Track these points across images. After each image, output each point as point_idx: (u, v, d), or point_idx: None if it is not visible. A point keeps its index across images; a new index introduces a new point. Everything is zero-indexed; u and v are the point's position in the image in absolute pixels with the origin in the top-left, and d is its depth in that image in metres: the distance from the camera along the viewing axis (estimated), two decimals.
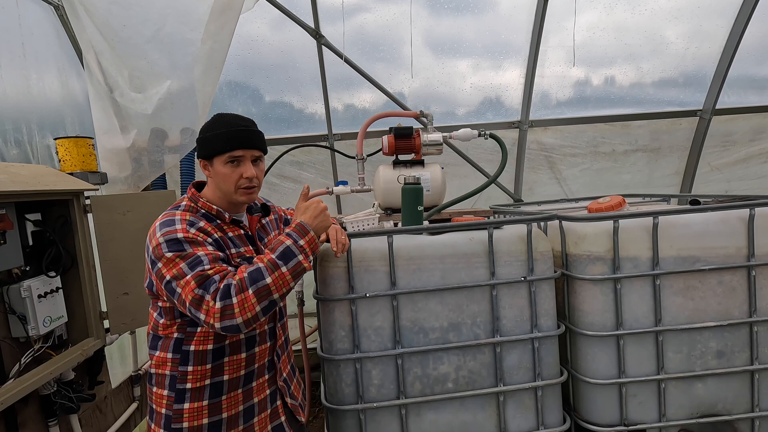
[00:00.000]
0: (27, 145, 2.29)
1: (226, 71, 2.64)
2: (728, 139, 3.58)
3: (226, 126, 1.26)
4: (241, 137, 1.26)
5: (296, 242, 1.20)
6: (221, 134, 1.25)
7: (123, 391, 2.53)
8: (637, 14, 3.22)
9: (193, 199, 1.31)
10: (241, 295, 1.10)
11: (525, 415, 1.64)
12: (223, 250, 1.25)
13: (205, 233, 1.22)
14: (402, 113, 2.73)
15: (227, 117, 1.30)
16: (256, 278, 1.12)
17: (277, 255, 1.17)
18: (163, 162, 2.62)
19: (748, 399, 1.71)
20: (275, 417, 1.38)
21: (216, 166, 1.27)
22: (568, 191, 3.68)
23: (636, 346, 1.67)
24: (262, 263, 1.15)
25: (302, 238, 1.21)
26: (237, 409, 1.28)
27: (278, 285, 1.14)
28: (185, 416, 1.23)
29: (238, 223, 1.35)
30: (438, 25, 3.22)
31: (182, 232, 1.18)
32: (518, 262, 1.60)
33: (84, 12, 2.42)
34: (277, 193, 3.43)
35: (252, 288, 1.11)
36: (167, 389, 1.24)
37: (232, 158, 1.26)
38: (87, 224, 1.99)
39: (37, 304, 1.74)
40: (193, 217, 1.25)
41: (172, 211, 1.26)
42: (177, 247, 1.16)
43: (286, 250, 1.18)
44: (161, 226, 1.20)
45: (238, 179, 1.27)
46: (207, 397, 1.24)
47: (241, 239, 1.33)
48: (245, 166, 1.27)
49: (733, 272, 1.66)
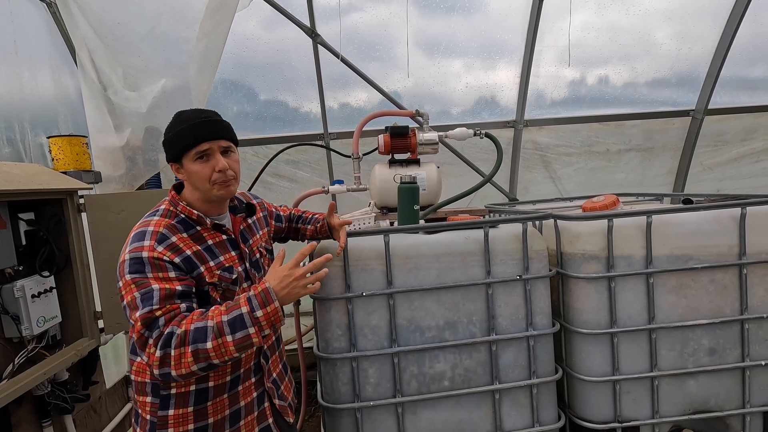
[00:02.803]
0: (20, 143, 2.27)
1: (220, 70, 2.63)
2: (720, 139, 3.62)
3: (187, 121, 1.20)
4: (204, 129, 1.19)
5: (253, 312, 1.07)
6: (183, 131, 1.19)
7: (118, 391, 2.52)
8: (631, 15, 3.25)
9: (173, 202, 1.25)
10: (180, 350, 1.04)
11: (520, 413, 1.65)
12: (194, 268, 1.18)
13: (174, 250, 1.15)
14: (398, 112, 2.73)
15: (186, 112, 1.23)
16: (198, 339, 1.04)
17: (228, 320, 1.06)
18: (158, 161, 2.61)
19: (739, 395, 1.73)
20: (263, 419, 1.35)
21: (186, 166, 1.21)
22: (563, 190, 3.70)
23: (630, 344, 1.69)
24: (212, 322, 1.06)
25: (262, 309, 1.07)
26: (223, 414, 1.25)
27: (219, 353, 1.05)
28: (170, 422, 1.20)
29: (220, 228, 1.28)
30: (430, 25, 3.23)
31: (148, 250, 1.12)
32: (514, 261, 1.61)
33: (77, 9, 2.40)
34: (273, 192, 3.42)
35: (191, 347, 1.04)
36: (150, 396, 1.22)
37: (200, 153, 1.19)
38: (81, 223, 1.98)
39: (31, 304, 1.73)
40: (169, 225, 1.19)
41: (148, 219, 1.21)
42: (137, 268, 1.10)
43: (239, 319, 1.06)
44: (133, 240, 1.15)
45: (211, 174, 1.20)
46: (192, 404, 1.21)
47: (222, 246, 1.27)
48: (215, 158, 1.20)
49: (725, 270, 1.68)
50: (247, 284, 1.32)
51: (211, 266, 1.22)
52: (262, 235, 1.46)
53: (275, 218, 1.61)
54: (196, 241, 1.22)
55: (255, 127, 3.35)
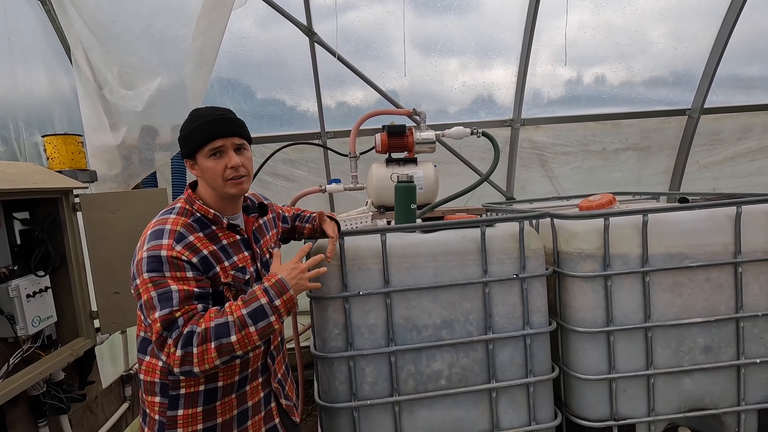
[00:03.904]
0: (14, 142, 2.25)
1: (217, 68, 2.62)
2: (716, 138, 3.64)
3: (202, 118, 1.22)
4: (218, 126, 1.21)
5: (272, 302, 1.13)
6: (198, 127, 1.21)
7: (114, 391, 2.51)
8: (627, 14, 3.26)
9: (189, 200, 1.26)
10: (203, 347, 1.07)
11: (517, 411, 1.66)
12: (210, 268, 1.19)
13: (192, 250, 1.16)
14: (395, 111, 2.73)
15: (202, 110, 1.25)
16: (221, 334, 1.08)
17: (248, 312, 1.11)
18: (154, 160, 2.59)
19: (734, 393, 1.74)
20: (269, 419, 1.36)
21: (200, 162, 1.22)
22: (560, 189, 3.71)
23: (626, 342, 1.69)
24: (231, 317, 1.10)
25: (279, 298, 1.14)
26: (231, 414, 1.26)
27: (243, 344, 1.09)
28: (179, 423, 1.20)
29: (234, 228, 1.30)
30: (426, 24, 3.23)
31: (166, 249, 1.13)
32: (510, 260, 1.61)
33: (72, 7, 2.39)
34: (270, 191, 3.42)
35: (215, 342, 1.07)
36: (159, 396, 1.22)
37: (214, 150, 1.20)
38: (76, 223, 1.97)
39: (26, 304, 1.72)
40: (186, 224, 1.20)
41: (165, 216, 1.22)
42: (156, 267, 1.11)
43: (259, 310, 1.11)
44: (150, 237, 1.16)
45: (224, 170, 1.21)
46: (201, 404, 1.22)
47: (236, 246, 1.29)
48: (228, 155, 1.22)
49: (720, 269, 1.69)
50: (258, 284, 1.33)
51: (226, 266, 1.23)
52: (272, 236, 1.48)
53: (282, 219, 1.62)
54: (211, 241, 1.23)
55: (252, 126, 3.28)
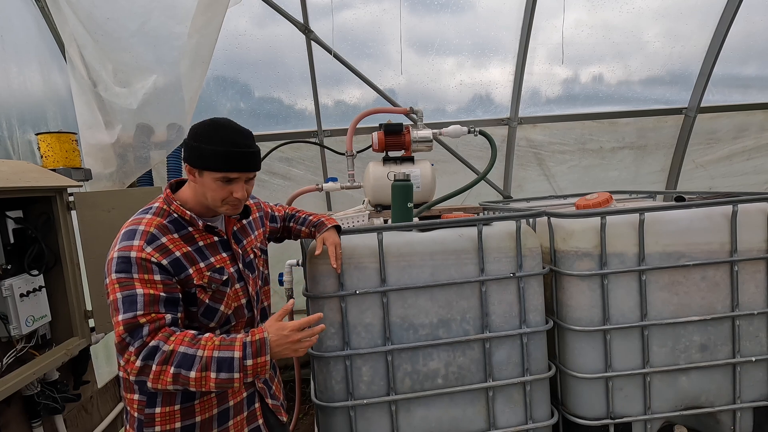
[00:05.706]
0: (7, 140, 2.23)
1: (213, 66, 2.60)
2: (712, 137, 3.65)
3: (224, 144, 1.16)
4: (240, 160, 1.18)
5: (244, 360, 1.07)
6: (219, 153, 1.16)
7: (109, 390, 2.49)
8: (624, 12, 3.26)
9: (168, 201, 1.24)
10: (161, 367, 1.05)
11: (514, 410, 1.65)
12: (182, 270, 1.17)
13: (163, 252, 1.15)
14: (392, 110, 2.72)
15: (227, 131, 1.18)
16: (183, 364, 1.05)
17: (218, 357, 1.06)
18: (149, 158, 2.57)
19: (730, 391, 1.75)
20: (252, 420, 1.35)
21: (206, 179, 1.19)
22: (557, 188, 3.72)
23: (622, 341, 1.70)
24: (201, 352, 1.06)
25: (252, 359, 1.08)
26: (211, 413, 1.25)
27: (199, 384, 1.07)
28: (157, 420, 1.20)
29: (212, 230, 1.27)
30: (422, 23, 3.22)
31: (136, 251, 1.12)
32: (507, 259, 1.61)
33: (66, 4, 2.36)
34: (267, 190, 3.40)
35: (174, 369, 1.05)
36: (138, 393, 1.22)
37: (227, 179, 1.18)
38: (71, 221, 1.95)
39: (19, 304, 1.70)
40: (160, 225, 1.19)
41: (140, 216, 1.21)
42: (124, 267, 1.10)
43: (228, 361, 1.07)
44: (123, 237, 1.15)
45: (228, 196, 1.20)
46: (179, 401, 1.21)
47: (213, 247, 1.27)
48: (238, 186, 1.20)
49: (716, 267, 1.70)
50: (240, 285, 1.31)
51: (201, 267, 1.22)
52: (258, 236, 1.45)
53: (270, 219, 1.60)
54: (186, 242, 1.22)
55: (248, 124, 3.26)
